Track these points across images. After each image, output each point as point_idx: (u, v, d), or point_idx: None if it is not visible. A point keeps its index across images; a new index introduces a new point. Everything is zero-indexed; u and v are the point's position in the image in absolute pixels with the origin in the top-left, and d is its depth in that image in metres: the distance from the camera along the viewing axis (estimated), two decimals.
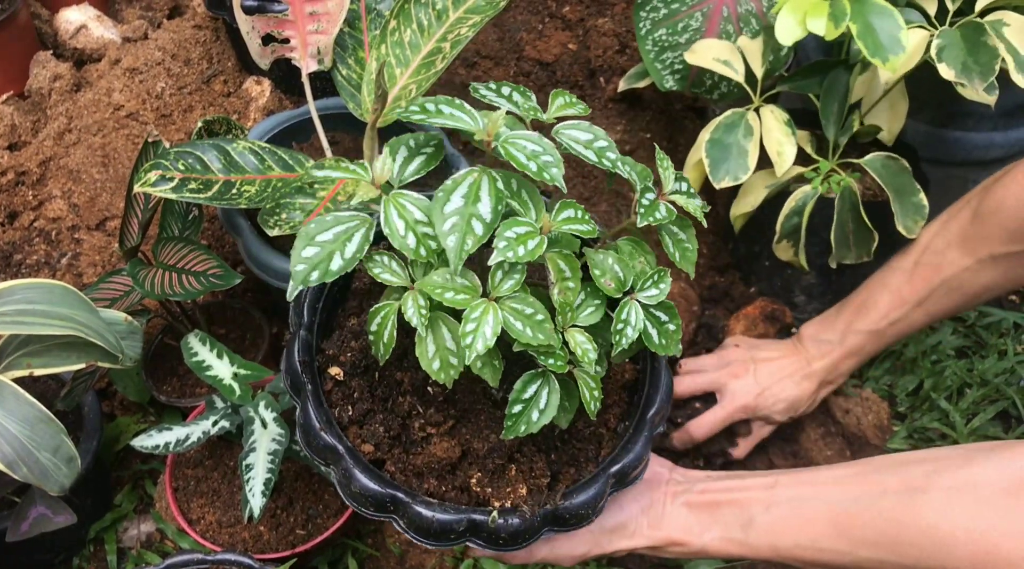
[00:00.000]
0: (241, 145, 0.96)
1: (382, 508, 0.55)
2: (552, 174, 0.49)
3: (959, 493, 0.54)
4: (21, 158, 1.35)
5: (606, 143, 0.53)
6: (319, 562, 1.01)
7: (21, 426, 0.78)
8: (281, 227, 0.88)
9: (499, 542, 0.54)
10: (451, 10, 1.01)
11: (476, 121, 0.50)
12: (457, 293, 0.49)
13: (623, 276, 0.53)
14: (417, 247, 0.49)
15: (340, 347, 0.60)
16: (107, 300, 0.99)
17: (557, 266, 0.51)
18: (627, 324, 0.53)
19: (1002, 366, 1.23)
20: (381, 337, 0.53)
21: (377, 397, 0.59)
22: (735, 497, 0.65)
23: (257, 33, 1.07)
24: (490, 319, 0.48)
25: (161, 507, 1.05)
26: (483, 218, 0.47)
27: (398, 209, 0.49)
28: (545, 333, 0.49)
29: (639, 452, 0.58)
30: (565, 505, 0.55)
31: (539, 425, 0.52)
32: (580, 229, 0.51)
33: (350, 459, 0.54)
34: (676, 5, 1.11)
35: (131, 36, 1.52)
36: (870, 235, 1.03)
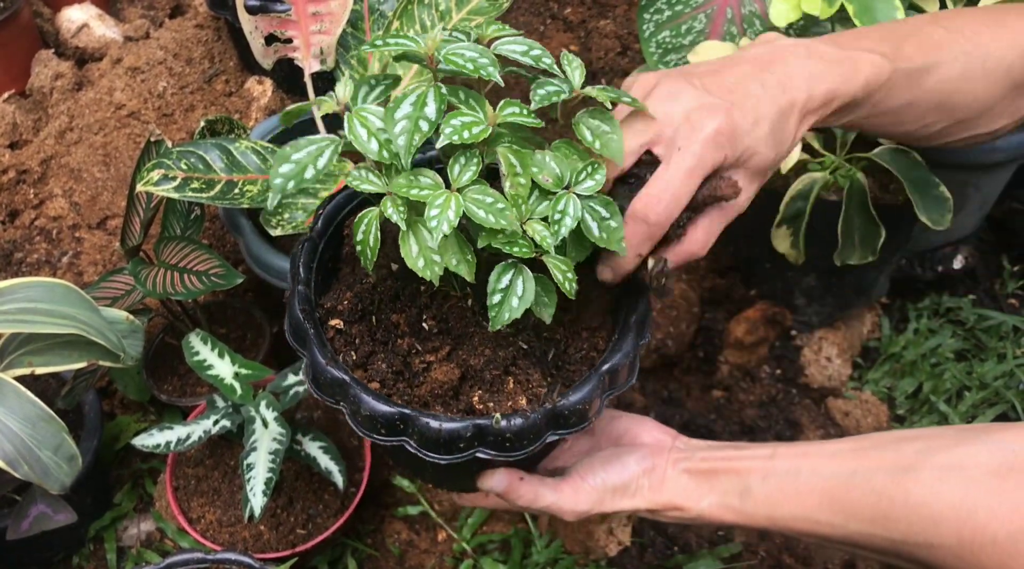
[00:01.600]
0: (243, 145, 0.96)
1: (393, 430, 0.57)
2: (488, 71, 0.54)
3: (949, 472, 0.56)
4: (22, 156, 1.35)
5: (540, 51, 0.58)
6: (319, 562, 1.01)
7: (22, 424, 0.79)
8: (283, 227, 0.88)
9: (505, 446, 0.57)
10: (454, 11, 1.02)
11: (420, 43, 0.57)
12: (421, 190, 0.54)
13: (560, 172, 0.57)
14: (380, 150, 0.54)
15: (337, 299, 0.64)
16: (108, 299, 0.99)
17: (508, 160, 0.55)
18: (564, 214, 0.56)
19: (1001, 369, 1.23)
20: (367, 243, 0.57)
21: (377, 340, 0.63)
22: (734, 466, 0.67)
23: (260, 33, 1.07)
24: (452, 204, 0.53)
25: (161, 506, 1.05)
26: (428, 118, 0.53)
27: (360, 120, 0.54)
28: (506, 219, 0.54)
29: (627, 351, 0.61)
30: (563, 403, 0.57)
31: (520, 310, 0.55)
32: (524, 121, 0.56)
33: (356, 387, 0.57)
34: (680, 7, 1.11)
35: (133, 35, 1.52)
36: (877, 231, 1.02)
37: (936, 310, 1.33)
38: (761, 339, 1.21)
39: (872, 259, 1.05)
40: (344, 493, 0.96)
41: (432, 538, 1.05)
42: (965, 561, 0.54)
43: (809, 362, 1.22)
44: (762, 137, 0.59)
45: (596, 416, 0.60)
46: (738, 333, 1.21)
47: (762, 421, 1.17)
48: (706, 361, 1.22)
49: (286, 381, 0.91)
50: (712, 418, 1.17)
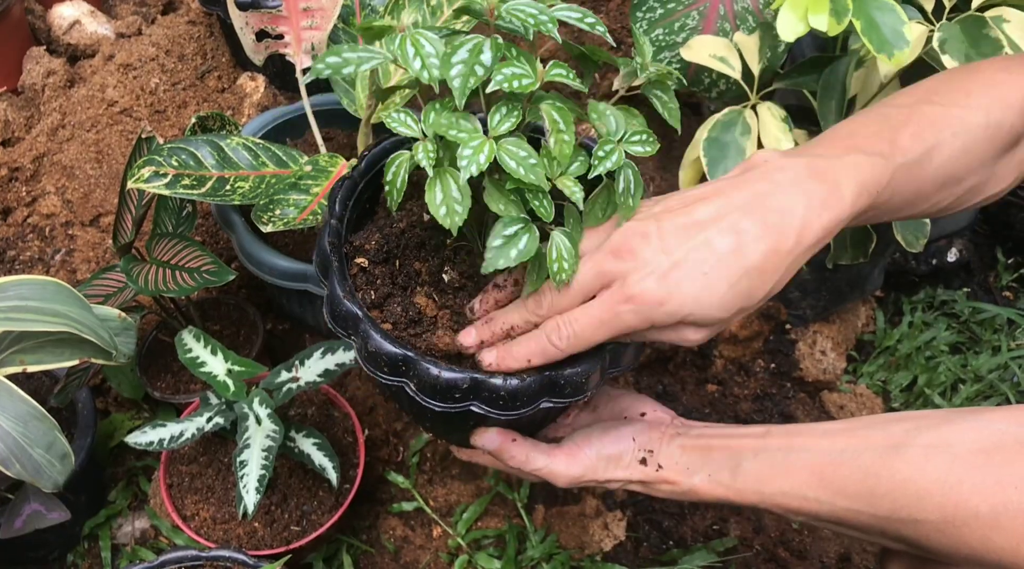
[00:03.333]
0: (235, 141, 0.96)
1: (395, 370, 0.59)
2: (548, 28, 0.56)
3: (935, 450, 0.57)
4: (14, 154, 1.34)
5: (595, 20, 0.60)
6: (314, 559, 1.01)
7: (14, 423, 0.78)
8: (275, 223, 0.88)
9: (499, 403, 0.58)
10: (445, 6, 1.01)
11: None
12: (460, 131, 0.55)
13: (616, 126, 0.60)
14: (421, 70, 0.55)
15: (366, 239, 0.66)
16: (101, 296, 0.99)
17: (552, 117, 0.57)
18: (608, 156, 0.58)
19: (996, 362, 1.23)
20: (395, 184, 0.58)
21: (397, 284, 0.65)
22: (727, 443, 0.68)
23: (251, 29, 1.07)
24: (486, 149, 0.54)
25: (155, 504, 1.05)
26: (484, 64, 0.55)
27: (412, 40, 0.56)
28: (536, 174, 0.55)
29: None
30: (561, 372, 0.58)
31: (516, 261, 0.56)
32: (570, 82, 0.57)
33: (368, 324, 0.59)
34: (672, 5, 1.11)
35: (125, 32, 1.52)
36: (868, 236, 1.03)
37: (931, 303, 1.33)
38: (755, 333, 1.22)
39: (863, 260, 1.05)
40: (338, 490, 0.96)
41: (427, 534, 1.05)
42: (948, 535, 0.55)
43: (804, 356, 1.22)
44: (713, 303, 0.54)
45: (593, 390, 0.61)
46: (732, 327, 1.21)
47: (757, 415, 1.17)
48: (700, 355, 1.22)
49: (279, 378, 0.91)
50: (707, 412, 1.18)
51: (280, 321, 1.22)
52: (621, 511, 1.07)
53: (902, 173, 0.61)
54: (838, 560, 1.06)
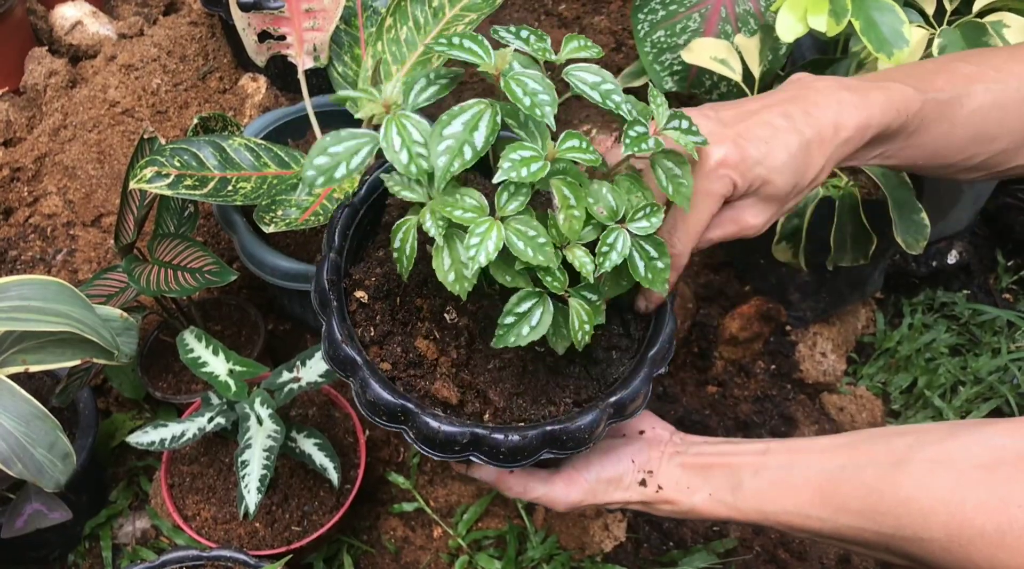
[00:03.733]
0: (237, 142, 0.96)
1: (394, 418, 0.58)
2: (544, 111, 0.52)
3: (939, 466, 0.56)
4: (16, 154, 1.34)
5: (613, 86, 0.56)
6: (314, 559, 1.01)
7: (16, 422, 0.78)
8: (277, 224, 0.88)
9: (499, 457, 0.57)
10: (447, 8, 1.01)
11: (489, 57, 0.55)
12: (465, 211, 0.53)
13: (615, 205, 0.56)
14: (408, 163, 0.52)
15: (366, 273, 0.64)
16: (103, 296, 0.99)
17: (562, 193, 0.54)
18: (612, 248, 0.55)
19: (995, 364, 1.23)
20: (404, 251, 0.56)
21: (398, 320, 0.63)
22: (727, 461, 0.67)
23: (253, 30, 1.07)
24: (493, 235, 0.52)
25: (156, 504, 1.05)
26: (475, 145, 0.52)
27: (398, 127, 0.52)
28: (545, 255, 0.53)
29: (637, 387, 0.60)
30: (562, 429, 0.57)
31: (527, 339, 0.55)
32: (583, 158, 0.54)
33: (367, 370, 0.58)
34: (674, 7, 1.11)
35: (127, 32, 1.52)
36: (869, 238, 1.03)
37: (930, 305, 1.33)
38: (756, 335, 1.22)
39: (864, 262, 1.06)
40: (339, 490, 0.96)
41: (428, 534, 1.05)
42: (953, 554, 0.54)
43: (804, 357, 1.22)
44: (776, 166, 0.59)
45: (596, 441, 0.60)
46: (733, 329, 1.21)
47: (757, 416, 1.17)
48: (701, 357, 1.23)
49: (280, 378, 0.91)
50: (707, 414, 1.18)
51: (281, 321, 1.22)
52: (621, 512, 1.07)
53: (933, 107, 0.63)
54: (838, 562, 1.06)
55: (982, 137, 0.65)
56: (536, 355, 0.62)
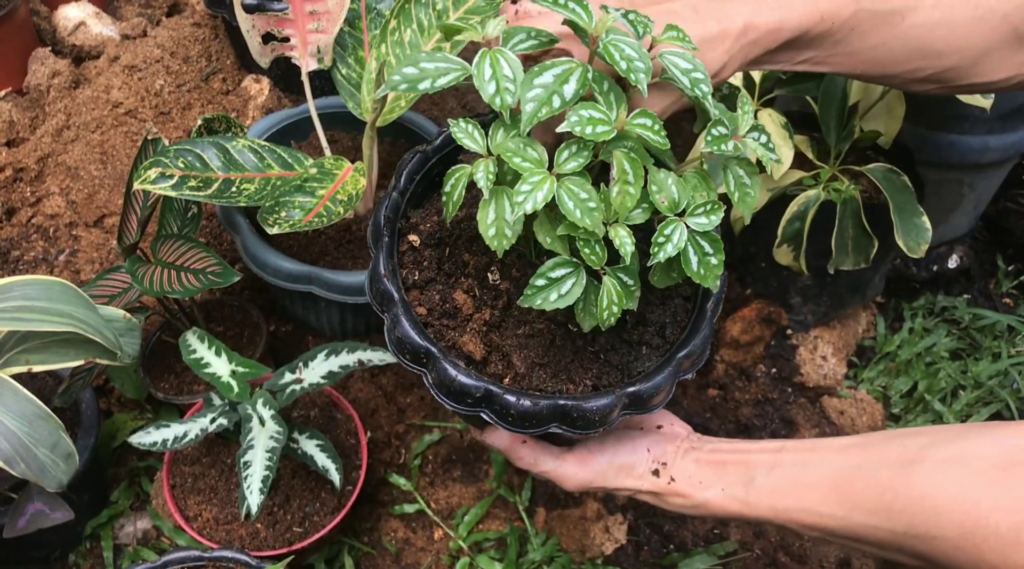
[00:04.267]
0: (240, 143, 0.96)
1: (416, 359, 0.59)
2: (638, 77, 0.51)
3: (953, 465, 0.56)
4: (19, 154, 1.34)
5: (703, 76, 0.55)
6: (315, 560, 1.01)
7: (19, 422, 0.79)
8: (280, 225, 0.88)
9: (508, 419, 0.58)
10: (451, 10, 1.02)
11: (591, 18, 0.54)
12: (524, 160, 0.52)
13: (678, 197, 0.56)
14: (495, 94, 0.52)
15: (423, 219, 0.65)
16: (105, 297, 0.99)
17: (622, 166, 0.53)
18: (668, 240, 0.55)
19: (996, 368, 1.23)
20: (452, 197, 0.57)
21: (443, 270, 0.64)
22: (742, 458, 0.67)
23: (257, 31, 1.07)
24: (545, 187, 0.52)
25: (158, 504, 1.05)
26: (563, 96, 0.51)
27: (492, 60, 0.53)
28: (592, 219, 0.52)
29: (658, 382, 0.60)
30: (574, 405, 0.58)
31: (553, 306, 0.55)
32: (651, 138, 0.53)
33: (401, 308, 0.59)
34: None
35: (130, 33, 1.52)
36: (870, 242, 1.04)
37: (931, 309, 1.33)
38: (757, 338, 1.22)
39: (865, 266, 1.06)
40: (341, 491, 0.96)
41: (428, 536, 1.06)
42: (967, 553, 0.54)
43: (804, 361, 1.22)
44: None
45: (608, 426, 0.59)
46: (734, 332, 1.21)
47: (758, 419, 1.18)
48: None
49: (283, 379, 0.91)
50: (708, 417, 1.18)
51: (283, 323, 1.22)
52: (622, 514, 1.07)
53: (867, 17, 0.63)
54: (838, 565, 1.06)
55: (927, 51, 0.65)
56: (567, 333, 0.62)
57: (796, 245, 1.06)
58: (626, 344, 0.64)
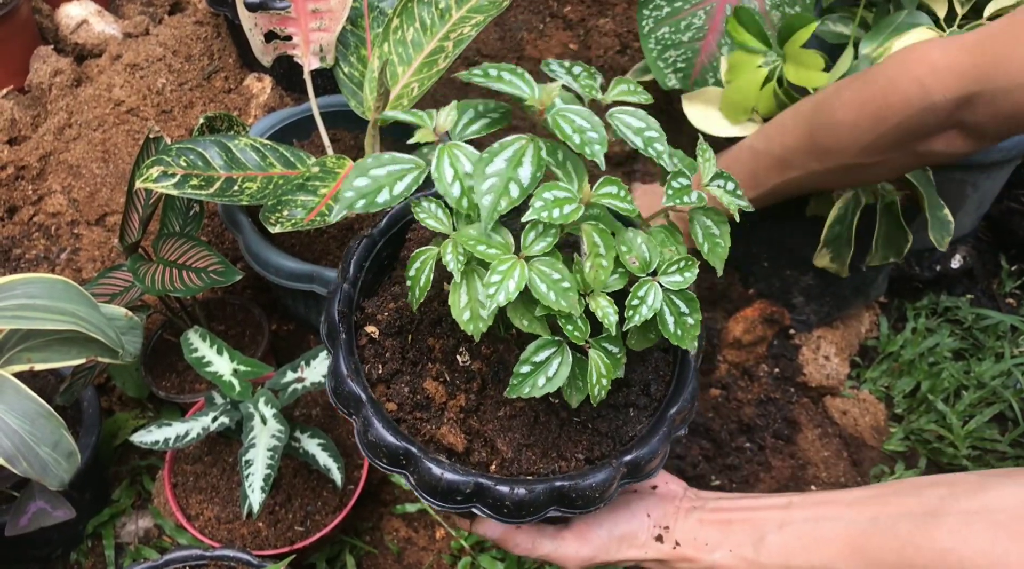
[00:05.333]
0: (243, 142, 0.96)
1: (395, 461, 0.56)
2: (593, 150, 0.50)
3: (975, 517, 0.54)
4: (21, 153, 1.34)
5: (656, 134, 0.54)
6: (317, 559, 1.01)
7: (21, 421, 0.79)
8: (283, 224, 0.88)
9: (503, 511, 0.55)
10: (454, 9, 1.02)
11: (533, 90, 0.52)
12: (489, 247, 0.50)
13: (649, 257, 0.54)
14: (460, 197, 0.50)
15: (379, 307, 0.62)
16: (107, 295, 0.99)
17: (592, 239, 0.52)
18: (642, 302, 0.53)
19: (999, 368, 1.23)
20: (418, 281, 0.54)
21: (408, 359, 0.61)
22: (748, 516, 0.64)
23: (260, 30, 1.07)
24: (516, 274, 0.49)
25: (159, 503, 1.05)
26: (521, 182, 0.49)
27: (450, 158, 0.51)
28: (568, 300, 0.50)
29: (654, 446, 0.58)
30: (571, 485, 0.55)
31: (543, 391, 0.53)
32: (619, 206, 0.51)
33: (371, 408, 0.56)
34: (679, 3, 1.11)
35: (132, 32, 1.52)
36: (904, 236, 1.02)
37: (934, 309, 1.33)
38: (759, 338, 1.22)
39: (896, 260, 1.06)
40: (342, 490, 0.96)
41: (430, 535, 1.05)
42: None
43: (807, 361, 1.22)
44: None
45: (608, 501, 0.57)
46: (736, 332, 1.21)
47: (760, 419, 1.17)
48: (704, 360, 1.23)
49: (284, 378, 0.91)
50: (710, 417, 1.18)
51: (285, 322, 1.22)
52: None
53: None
54: None
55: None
56: (549, 406, 0.59)
57: (836, 249, 1.06)
58: (612, 409, 0.61)
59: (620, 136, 0.54)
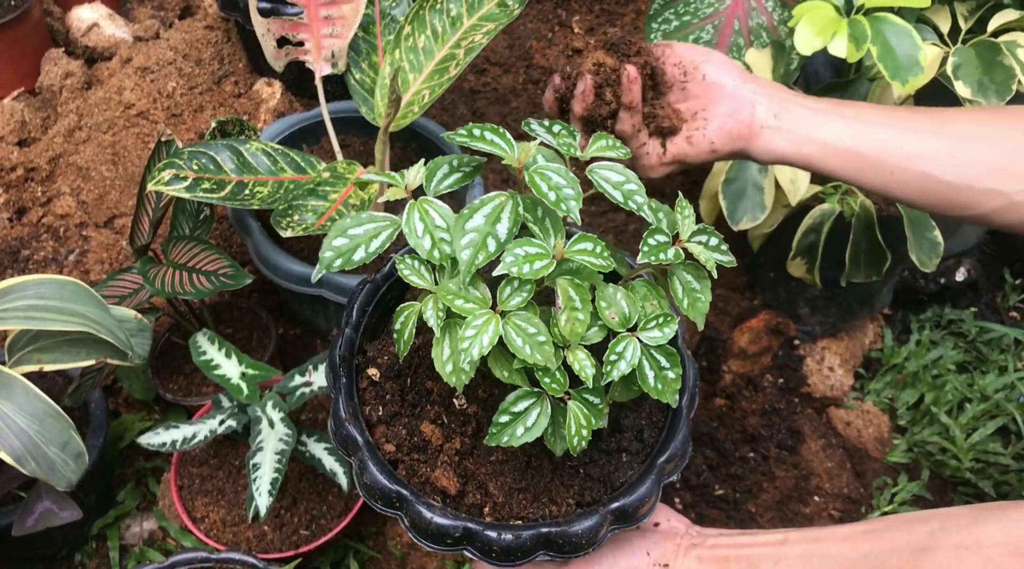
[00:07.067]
0: (254, 146, 0.96)
1: (389, 503, 0.57)
2: (569, 206, 0.51)
3: (966, 552, 0.54)
4: (31, 154, 1.35)
5: (636, 186, 0.54)
6: (321, 563, 1.01)
7: (30, 421, 0.79)
8: (293, 228, 0.89)
9: (491, 555, 0.56)
10: (465, 17, 1.02)
11: (512, 149, 0.54)
12: (466, 302, 0.51)
13: (628, 312, 0.54)
14: (431, 249, 0.52)
15: (380, 351, 0.63)
16: (116, 297, 0.99)
17: (567, 294, 0.52)
18: (621, 357, 0.53)
19: (1002, 381, 1.23)
20: (402, 335, 0.56)
21: (407, 402, 0.62)
22: (745, 553, 0.65)
23: (272, 35, 1.08)
24: (490, 329, 0.50)
25: (164, 505, 1.05)
26: (498, 237, 0.50)
27: (421, 213, 0.52)
28: (543, 354, 0.51)
29: (642, 494, 0.58)
30: (559, 531, 0.56)
31: (521, 441, 0.54)
32: (593, 262, 0.52)
33: (367, 452, 0.57)
34: (688, 17, 1.12)
35: (143, 35, 1.53)
36: (883, 255, 1.03)
37: (938, 322, 1.33)
38: (764, 348, 1.22)
39: (877, 279, 1.06)
40: (348, 495, 0.97)
41: None
42: None
43: (811, 372, 1.23)
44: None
45: (596, 546, 0.58)
46: (741, 342, 1.21)
47: (764, 429, 1.18)
48: (709, 370, 1.23)
49: (292, 382, 0.92)
50: (715, 426, 1.18)
51: (292, 326, 1.23)
52: None
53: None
54: None
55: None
56: (542, 450, 0.60)
57: (810, 258, 1.06)
58: (604, 454, 0.62)
59: (600, 190, 0.54)
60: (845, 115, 0.69)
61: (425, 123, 1.21)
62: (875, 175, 0.68)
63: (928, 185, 0.67)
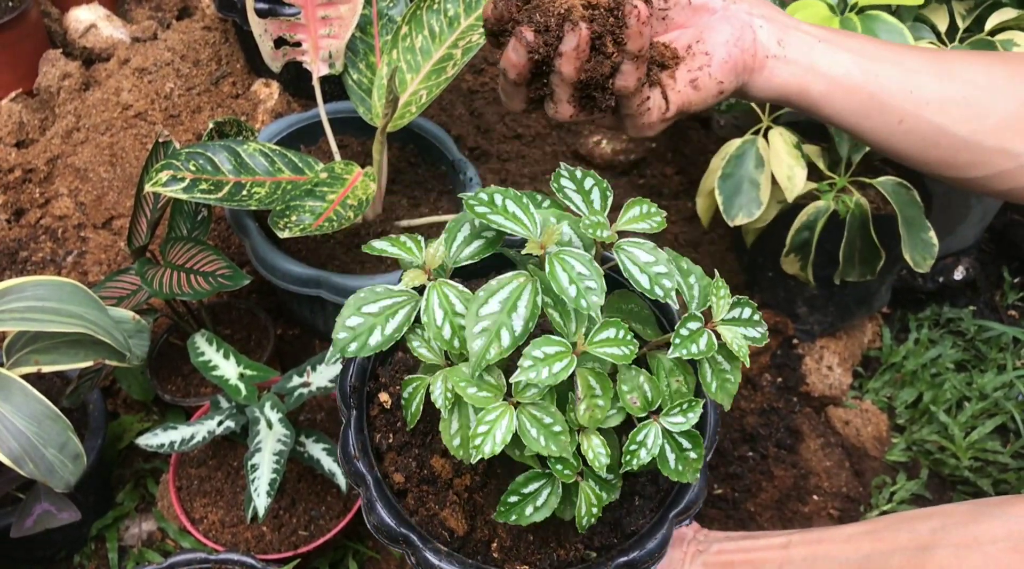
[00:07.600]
0: (252, 147, 0.96)
1: (395, 542, 0.56)
2: (591, 302, 0.47)
3: (967, 549, 0.55)
4: (29, 156, 1.35)
5: (665, 269, 0.50)
6: (320, 563, 1.01)
7: (28, 422, 0.79)
8: (291, 229, 0.89)
9: None
10: (462, 17, 1.02)
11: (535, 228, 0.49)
12: (480, 390, 0.49)
13: (651, 396, 0.52)
14: (451, 339, 0.49)
15: (392, 377, 0.62)
16: (114, 298, 0.99)
17: (587, 383, 0.50)
18: (641, 446, 0.51)
19: (1001, 380, 1.23)
20: (410, 406, 0.55)
21: (418, 430, 0.60)
22: (750, 557, 0.66)
23: (269, 36, 1.08)
24: (504, 424, 0.48)
25: (163, 506, 1.05)
26: (513, 330, 0.47)
27: (440, 297, 0.49)
28: (559, 445, 0.49)
29: (652, 549, 0.57)
30: None
31: (530, 520, 0.53)
32: (615, 354, 0.48)
33: (375, 491, 0.56)
34: None
35: (140, 36, 1.53)
36: (877, 253, 1.04)
37: (937, 320, 1.33)
38: (763, 347, 1.22)
39: (871, 278, 1.06)
40: (347, 495, 0.97)
41: None
42: None
43: (810, 371, 1.23)
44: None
45: None
46: None
47: (763, 429, 1.18)
48: None
49: (290, 383, 0.92)
50: None
51: (290, 326, 1.23)
52: None
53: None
54: None
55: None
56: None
57: (804, 255, 1.06)
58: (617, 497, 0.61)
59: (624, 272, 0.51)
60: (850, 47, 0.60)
61: (423, 123, 1.21)
62: (881, 122, 0.61)
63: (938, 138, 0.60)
